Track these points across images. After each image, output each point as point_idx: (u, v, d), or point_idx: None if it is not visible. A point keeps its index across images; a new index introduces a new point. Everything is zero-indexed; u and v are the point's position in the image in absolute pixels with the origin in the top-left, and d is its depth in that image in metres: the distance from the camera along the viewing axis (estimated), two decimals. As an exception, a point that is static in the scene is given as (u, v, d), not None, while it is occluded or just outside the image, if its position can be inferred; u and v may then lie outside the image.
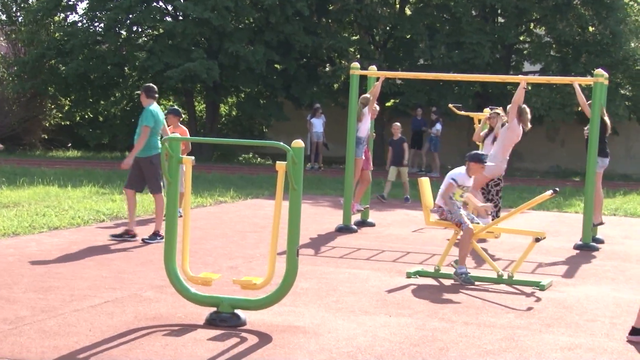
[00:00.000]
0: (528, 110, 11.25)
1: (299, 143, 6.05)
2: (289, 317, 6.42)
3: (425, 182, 8.87)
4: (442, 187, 8.54)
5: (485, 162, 8.69)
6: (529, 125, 11.17)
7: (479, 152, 8.96)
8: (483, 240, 10.85)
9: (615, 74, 23.22)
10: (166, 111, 12.12)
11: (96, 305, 6.59)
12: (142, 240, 9.92)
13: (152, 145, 10.10)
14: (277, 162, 6.08)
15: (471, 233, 8.24)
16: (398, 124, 16.33)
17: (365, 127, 12.22)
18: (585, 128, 11.48)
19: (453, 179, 8.48)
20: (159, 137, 10.16)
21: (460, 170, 8.56)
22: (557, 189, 8.23)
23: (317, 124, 24.27)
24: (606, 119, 11.27)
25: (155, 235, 10.02)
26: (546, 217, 14.49)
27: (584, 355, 5.74)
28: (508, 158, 11.18)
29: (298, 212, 6.04)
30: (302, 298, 7.14)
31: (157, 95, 10.32)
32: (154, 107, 10.16)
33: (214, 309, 6.17)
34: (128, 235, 10.06)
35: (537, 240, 8.10)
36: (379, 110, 12.90)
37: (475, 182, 10.82)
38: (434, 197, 8.74)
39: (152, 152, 10.10)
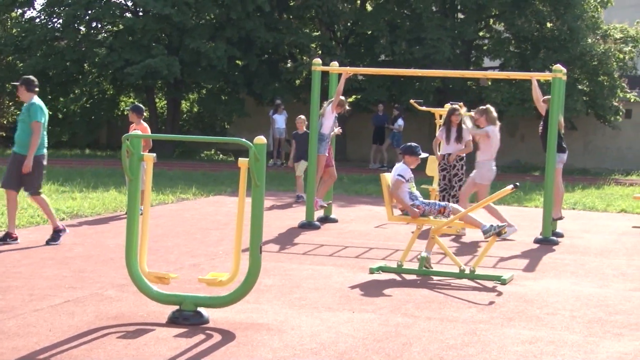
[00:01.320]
0: (492, 109, 11.36)
1: (260, 139, 6.03)
2: (252, 314, 6.40)
3: (387, 178, 8.90)
4: (393, 186, 8.60)
5: (420, 154, 8.78)
6: (498, 123, 11.28)
7: (412, 144, 9.01)
8: (446, 235, 10.92)
9: (573, 69, 23.50)
10: (128, 108, 11.99)
11: (56, 305, 6.51)
12: (47, 242, 9.42)
13: (41, 144, 9.36)
14: (240, 158, 6.06)
15: (456, 209, 8.36)
16: (302, 117, 15.16)
17: (328, 124, 12.22)
18: (540, 124, 11.63)
19: (400, 175, 8.55)
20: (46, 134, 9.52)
21: (401, 165, 8.68)
22: (518, 183, 8.31)
23: (279, 120, 24.28)
24: (560, 117, 11.38)
25: (56, 233, 9.50)
26: (507, 212, 14.56)
27: (545, 348, 5.80)
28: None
29: (261, 208, 6.02)
30: (265, 295, 7.13)
31: (37, 89, 9.58)
32: (39, 101, 9.46)
33: (177, 307, 6.13)
34: (10, 238, 9.41)
35: (499, 234, 8.18)
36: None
37: (480, 192, 10.90)
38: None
39: (40, 151, 9.38)
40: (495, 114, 11.32)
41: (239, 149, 25.44)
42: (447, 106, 13.10)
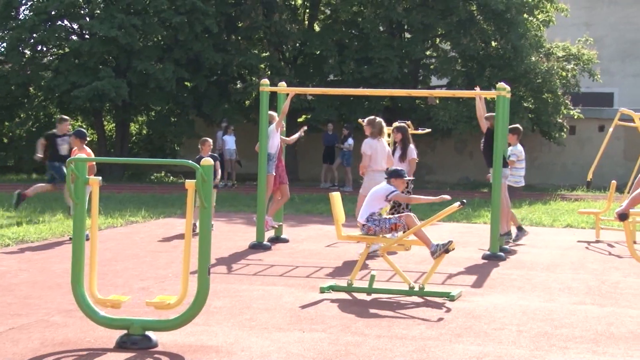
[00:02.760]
0: (377, 120, 11.52)
1: (208, 161, 6.04)
2: (202, 337, 6.37)
3: (336, 197, 8.96)
4: (376, 202, 8.68)
5: (406, 177, 9.02)
6: (383, 135, 11.43)
7: (397, 168, 9.34)
8: (394, 253, 10.98)
9: (518, 87, 23.89)
10: (71, 133, 11.90)
11: (0, 332, 6.40)
12: None
13: None
14: (187, 180, 6.05)
15: (412, 220, 8.44)
16: (209, 140, 14.05)
17: (274, 143, 12.26)
18: (482, 141, 11.83)
19: (394, 191, 8.72)
20: None
21: (386, 185, 8.82)
22: (465, 200, 8.42)
23: (229, 142, 24.28)
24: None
25: None
26: (456, 229, 14.78)
27: (493, 362, 5.87)
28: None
29: (208, 230, 6.01)
30: (215, 317, 7.09)
31: None
32: None
33: (125, 331, 6.07)
34: None
35: (447, 251, 8.28)
36: (292, 125, 13.00)
37: (359, 202, 10.95)
38: (349, 211, 8.87)
39: None
40: (379, 126, 11.36)
41: (190, 170, 25.29)
42: (395, 124, 13.24)
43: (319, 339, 6.43)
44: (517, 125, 13.02)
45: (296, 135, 13.59)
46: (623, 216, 5.56)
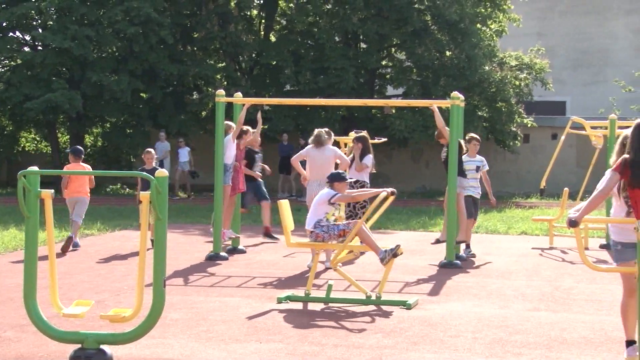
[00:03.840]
0: (318, 131, 11.59)
1: (162, 172, 6.01)
2: (158, 349, 6.33)
3: (284, 205, 9.01)
4: (320, 207, 8.73)
5: (347, 179, 9.10)
6: (322, 145, 11.45)
7: (338, 171, 9.41)
8: (350, 262, 11.03)
9: (473, 96, 24.14)
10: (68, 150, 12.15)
11: (-48, 349, 6.30)
12: None
13: None
14: (141, 192, 6.01)
15: (359, 225, 8.45)
16: (152, 151, 13.51)
17: (230, 154, 12.24)
18: (443, 150, 11.92)
19: (337, 194, 8.77)
20: None
21: (328, 190, 8.85)
22: (394, 190, 8.57)
23: (182, 154, 24.14)
24: (461, 141, 11.69)
25: None
26: (413, 237, 14.87)
27: (448, 370, 5.92)
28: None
29: (164, 242, 5.97)
30: (171, 329, 7.05)
31: None
32: None
33: (79, 345, 6.00)
34: None
35: (395, 255, 8.33)
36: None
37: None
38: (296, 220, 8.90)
39: None
40: (318, 137, 11.42)
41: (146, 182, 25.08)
42: (352, 134, 13.30)
43: (276, 350, 6.43)
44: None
45: (258, 126, 13.36)
46: (574, 223, 5.64)
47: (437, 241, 12.05)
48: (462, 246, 12.22)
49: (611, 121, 13.25)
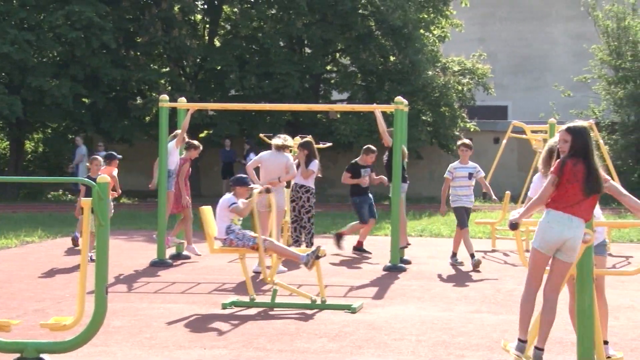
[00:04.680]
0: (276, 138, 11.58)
1: (104, 178, 5.94)
2: (100, 358, 6.25)
3: (207, 211, 9.00)
4: (224, 213, 8.78)
5: (249, 184, 9.13)
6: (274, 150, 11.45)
7: (241, 175, 9.47)
8: (297, 267, 11.02)
9: (416, 101, 24.36)
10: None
11: None
12: None
13: None
14: (82, 198, 5.94)
15: (261, 245, 8.53)
16: (99, 157, 12.73)
17: (173, 160, 12.16)
18: (385, 155, 12.02)
19: (234, 204, 8.76)
20: None
21: (229, 196, 8.90)
22: (269, 187, 9.07)
23: None
24: (403, 146, 11.78)
25: None
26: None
27: (392, 372, 5.96)
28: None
29: (106, 248, 5.90)
30: (114, 337, 6.97)
31: None
32: None
33: (18, 355, 5.89)
34: None
35: (318, 257, 8.38)
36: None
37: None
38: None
39: None
40: (273, 142, 11.47)
41: (89, 188, 24.73)
42: (297, 139, 13.32)
43: (220, 356, 6.40)
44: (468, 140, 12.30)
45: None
46: (514, 225, 5.75)
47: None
48: (462, 258, 12.00)
49: (551, 125, 13.49)
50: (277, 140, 11.44)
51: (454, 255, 11.86)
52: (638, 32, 25.01)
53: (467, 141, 12.16)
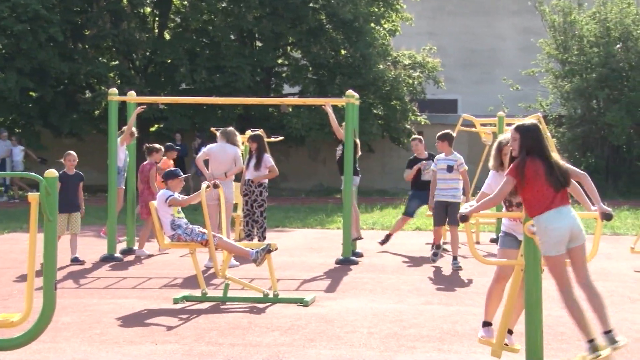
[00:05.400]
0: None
1: (51, 173, 5.86)
2: (49, 355, 6.17)
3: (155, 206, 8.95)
4: (163, 208, 8.77)
5: (181, 175, 9.18)
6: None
7: (171, 169, 9.54)
8: (248, 261, 11.00)
9: (368, 94, 24.44)
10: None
11: None
12: None
13: None
14: (29, 193, 5.85)
15: (223, 240, 8.56)
16: (73, 153, 11.66)
17: (121, 157, 12.06)
18: (338, 148, 12.04)
19: (170, 197, 8.78)
20: None
21: (163, 190, 8.93)
22: (217, 182, 9.17)
23: (16, 153, 23.05)
24: (357, 140, 11.83)
25: None
26: (310, 234, 14.97)
27: (344, 365, 5.99)
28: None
29: (54, 244, 5.83)
30: (63, 333, 6.88)
31: None
32: None
33: (-35, 353, 5.80)
34: None
35: (269, 251, 8.40)
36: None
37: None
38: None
39: None
40: (229, 133, 11.54)
41: (37, 183, 24.34)
42: (248, 132, 13.30)
43: (172, 351, 6.36)
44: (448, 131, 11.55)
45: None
46: (464, 218, 5.80)
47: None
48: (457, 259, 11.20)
49: (500, 118, 13.66)
50: (225, 134, 11.47)
51: (437, 247, 11.19)
52: (584, 26, 25.40)
53: (447, 132, 11.37)
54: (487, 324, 6.20)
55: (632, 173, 24.78)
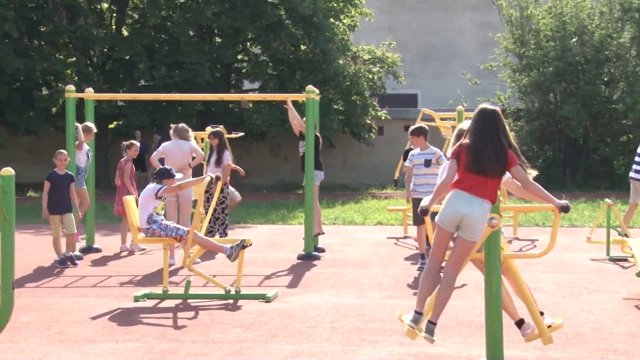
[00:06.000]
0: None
1: (8, 171, 5.78)
2: (7, 355, 6.08)
3: (130, 201, 8.91)
4: (148, 202, 8.73)
5: (174, 175, 9.09)
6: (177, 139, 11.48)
7: (165, 167, 9.41)
8: (212, 257, 10.98)
9: (328, 89, 24.48)
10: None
11: None
12: None
13: None
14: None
15: (191, 236, 8.49)
16: (64, 152, 11.05)
17: (81, 158, 11.96)
18: (301, 144, 12.03)
19: (161, 188, 8.77)
20: None
21: (154, 184, 8.88)
22: (219, 175, 8.69)
23: None
24: (317, 133, 11.84)
25: None
26: (272, 230, 14.95)
27: (307, 360, 6.00)
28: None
29: (11, 243, 5.75)
30: (21, 333, 6.79)
31: None
32: None
33: None
34: None
35: (244, 247, 8.40)
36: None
37: None
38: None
39: None
40: (182, 130, 11.45)
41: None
42: (209, 129, 13.25)
43: (133, 349, 6.32)
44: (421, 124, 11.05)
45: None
46: (424, 211, 5.83)
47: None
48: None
49: (459, 112, 13.76)
50: (177, 131, 11.43)
51: (422, 257, 10.26)
52: (540, 21, 25.67)
53: (420, 126, 10.66)
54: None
55: (588, 166, 25.13)
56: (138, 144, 12.68)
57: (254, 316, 7.53)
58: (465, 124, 6.08)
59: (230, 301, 8.23)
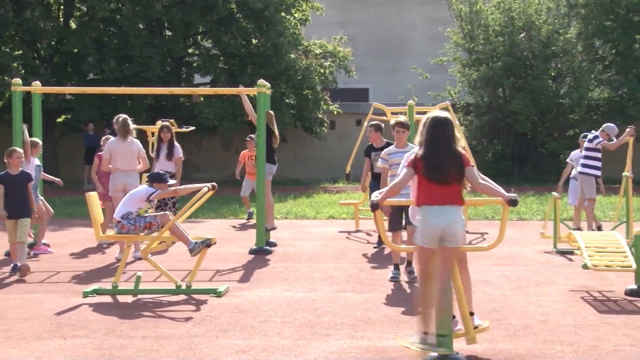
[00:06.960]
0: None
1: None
2: (-47, 354, 5.97)
3: (93, 197, 8.81)
4: (135, 202, 8.60)
5: (168, 181, 9.03)
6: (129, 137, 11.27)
7: (159, 172, 9.28)
8: (163, 252, 10.90)
9: (279, 84, 24.42)
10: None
11: None
12: None
13: None
14: None
15: (168, 218, 8.50)
16: (18, 149, 10.27)
17: (31, 172, 11.73)
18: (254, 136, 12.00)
19: (154, 192, 8.76)
20: None
21: (149, 188, 8.80)
22: (215, 184, 8.61)
23: None
24: (274, 129, 11.82)
25: None
26: (223, 225, 14.89)
27: (258, 355, 5.99)
28: None
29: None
30: (-33, 332, 6.67)
31: None
32: None
33: None
34: None
35: (208, 246, 8.39)
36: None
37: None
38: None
39: None
40: (126, 126, 11.10)
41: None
42: (159, 123, 13.14)
43: (82, 345, 6.24)
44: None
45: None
46: (375, 206, 5.87)
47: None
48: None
49: (410, 107, 13.85)
50: (122, 127, 11.12)
51: (396, 267, 9.13)
52: (489, 16, 25.94)
53: (402, 119, 9.67)
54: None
55: (537, 160, 25.48)
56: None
57: (205, 311, 7.49)
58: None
59: (181, 296, 8.19)
